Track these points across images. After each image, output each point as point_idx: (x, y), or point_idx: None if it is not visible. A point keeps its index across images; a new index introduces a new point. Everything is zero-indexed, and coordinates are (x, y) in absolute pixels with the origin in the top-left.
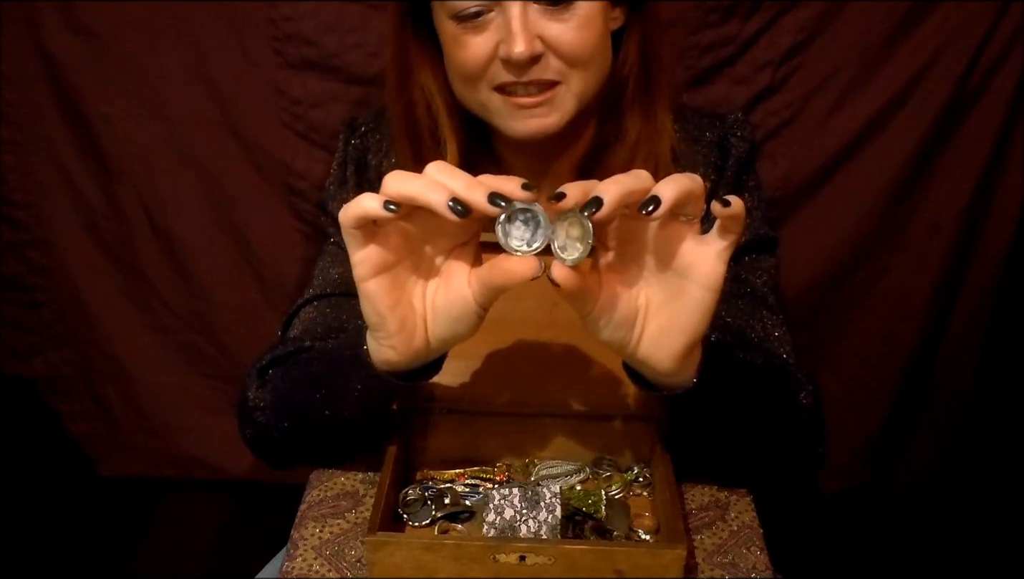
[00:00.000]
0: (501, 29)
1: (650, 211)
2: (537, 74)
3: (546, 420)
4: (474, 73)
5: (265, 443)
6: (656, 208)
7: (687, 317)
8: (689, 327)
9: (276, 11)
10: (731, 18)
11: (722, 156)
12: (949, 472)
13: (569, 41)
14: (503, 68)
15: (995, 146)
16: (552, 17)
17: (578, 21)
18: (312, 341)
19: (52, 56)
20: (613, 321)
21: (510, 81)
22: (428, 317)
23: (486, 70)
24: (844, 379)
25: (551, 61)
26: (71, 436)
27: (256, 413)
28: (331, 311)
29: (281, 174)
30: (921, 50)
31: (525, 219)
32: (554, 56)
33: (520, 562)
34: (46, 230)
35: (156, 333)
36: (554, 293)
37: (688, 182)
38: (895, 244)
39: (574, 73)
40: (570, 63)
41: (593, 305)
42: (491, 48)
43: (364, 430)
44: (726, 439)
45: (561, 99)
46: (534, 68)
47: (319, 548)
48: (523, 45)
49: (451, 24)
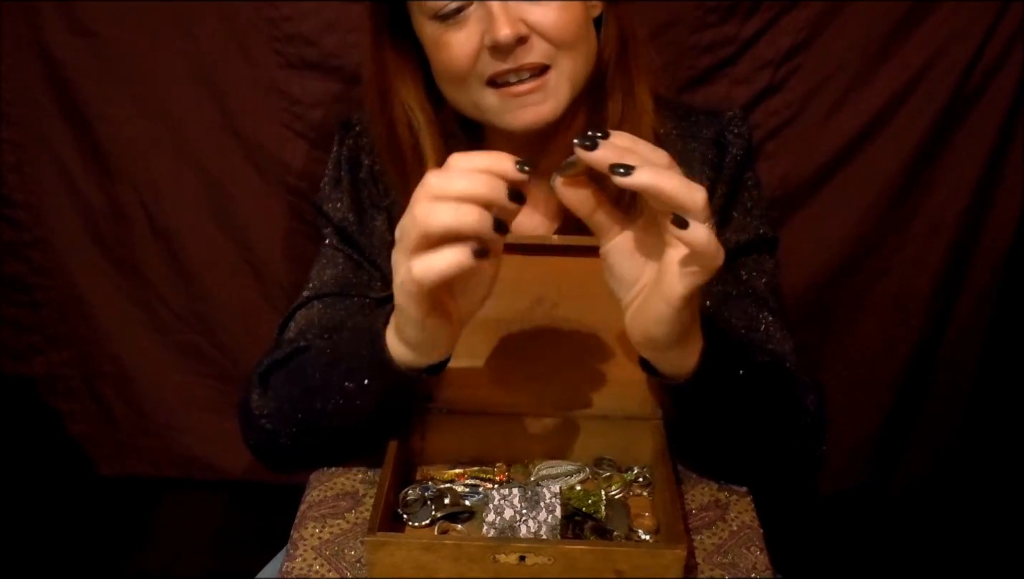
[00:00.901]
0: (483, 20)
1: (620, 173)
2: (525, 57)
3: (546, 420)
4: (463, 70)
5: (271, 449)
6: (622, 176)
7: (652, 317)
8: (653, 327)
9: (276, 11)
10: (731, 18)
11: (719, 153)
12: (949, 472)
13: (553, 21)
14: (491, 57)
15: (995, 146)
16: (532, 2)
17: (558, 2)
18: (309, 341)
19: (52, 56)
20: (617, 272)
21: (501, 70)
22: (452, 311)
23: (474, 65)
24: (844, 379)
25: (537, 43)
26: (71, 436)
27: (261, 420)
28: (327, 311)
29: (281, 174)
30: (921, 50)
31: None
32: (540, 39)
33: (520, 562)
34: (46, 230)
35: (156, 333)
36: (554, 293)
37: (674, 183)
38: (895, 244)
39: (562, 55)
40: (557, 44)
41: (606, 236)
42: (476, 41)
43: (374, 426)
44: (729, 438)
45: (554, 85)
46: (521, 51)
47: (319, 548)
48: (508, 28)
49: (432, 25)
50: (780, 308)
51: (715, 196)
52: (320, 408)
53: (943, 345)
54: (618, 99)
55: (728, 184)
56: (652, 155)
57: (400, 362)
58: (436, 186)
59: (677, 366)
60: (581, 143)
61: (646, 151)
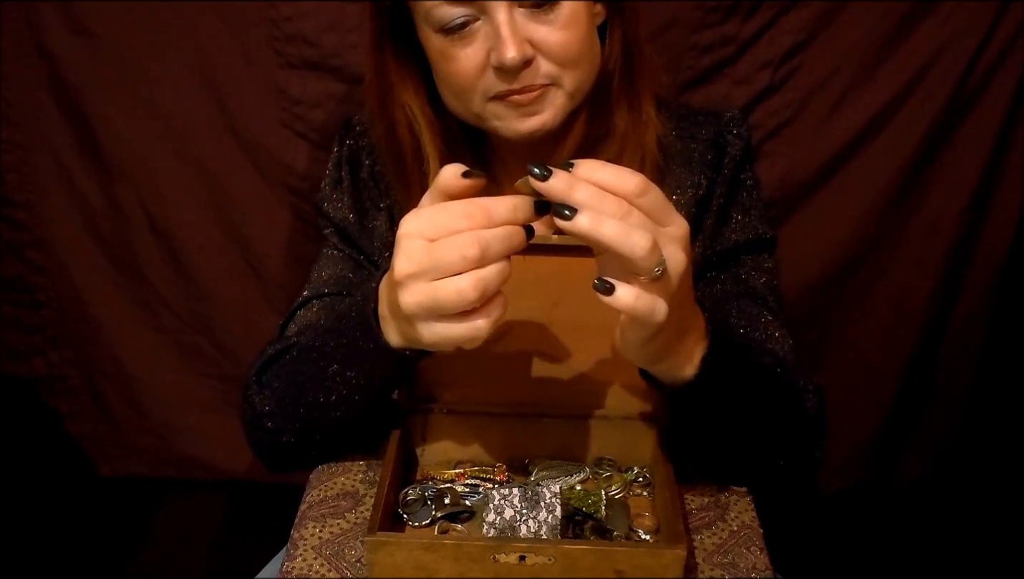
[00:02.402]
0: (490, 37)
1: (563, 215)
2: (529, 79)
3: (546, 420)
4: (467, 86)
5: (275, 449)
6: (564, 218)
7: (629, 342)
8: (632, 351)
9: (276, 11)
10: (731, 18)
11: (718, 154)
12: (949, 472)
13: (557, 42)
14: (496, 77)
15: (995, 146)
16: (538, 19)
17: (564, 21)
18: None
19: (52, 56)
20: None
21: (505, 90)
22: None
23: (479, 81)
24: (844, 379)
25: (542, 65)
26: (71, 436)
27: (264, 420)
28: (327, 311)
29: (281, 174)
30: (921, 50)
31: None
32: (544, 59)
33: (520, 562)
34: (46, 230)
35: (156, 333)
36: (556, 291)
37: (613, 233)
38: (895, 244)
39: (566, 73)
40: (560, 64)
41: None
42: (482, 58)
43: (374, 411)
44: (728, 441)
45: (553, 96)
46: (526, 73)
47: (319, 548)
48: (514, 50)
49: (438, 38)
50: (779, 307)
51: (714, 196)
52: (322, 401)
53: (943, 345)
54: (623, 109)
55: (727, 184)
56: (616, 187)
57: (397, 345)
58: (448, 258)
59: (672, 377)
60: (532, 171)
61: (607, 185)
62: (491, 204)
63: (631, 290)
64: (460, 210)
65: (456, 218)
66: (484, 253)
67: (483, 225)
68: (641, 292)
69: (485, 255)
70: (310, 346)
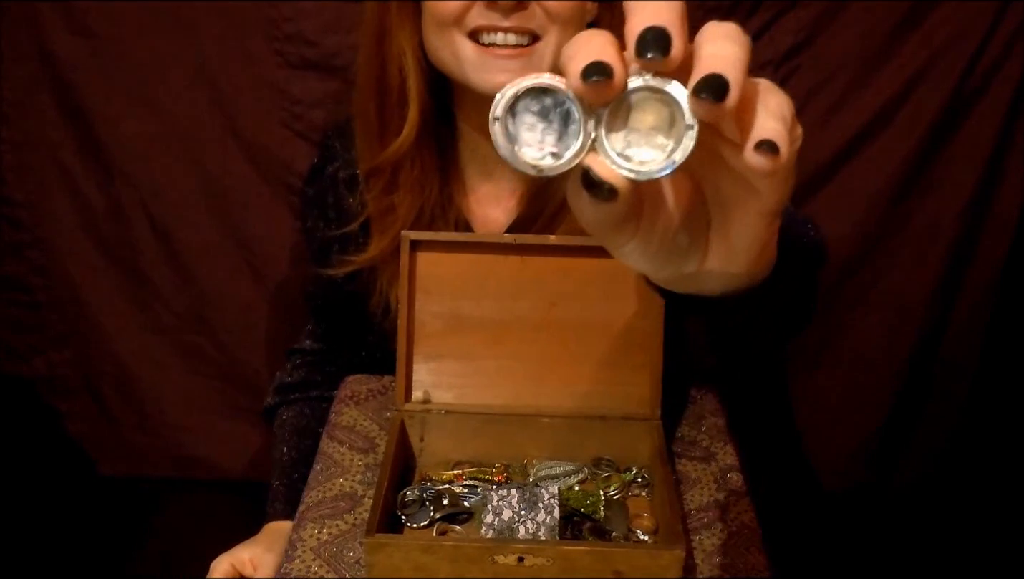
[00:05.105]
0: None
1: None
2: (520, 20)
3: (545, 420)
4: (450, 18)
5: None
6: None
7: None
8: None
9: (276, 11)
10: (731, 18)
11: None
12: (949, 472)
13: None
14: (484, 9)
15: (995, 147)
16: None
17: None
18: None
19: (52, 56)
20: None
21: (488, 25)
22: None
23: (466, 13)
24: (844, 379)
25: (535, 11)
26: (71, 436)
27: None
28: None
29: (281, 174)
30: (921, 50)
31: (542, 108)
32: (539, 7)
33: (518, 563)
34: (46, 230)
35: (156, 333)
36: (554, 292)
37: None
38: (895, 244)
39: (554, 29)
40: (552, 17)
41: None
42: None
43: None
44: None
45: (539, 56)
46: (517, 15)
47: (318, 549)
48: None
49: None
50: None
51: None
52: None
53: (943, 345)
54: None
55: None
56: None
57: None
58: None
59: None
60: (703, 94)
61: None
62: None
63: (788, 149)
64: None
65: None
66: None
67: None
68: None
69: None
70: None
